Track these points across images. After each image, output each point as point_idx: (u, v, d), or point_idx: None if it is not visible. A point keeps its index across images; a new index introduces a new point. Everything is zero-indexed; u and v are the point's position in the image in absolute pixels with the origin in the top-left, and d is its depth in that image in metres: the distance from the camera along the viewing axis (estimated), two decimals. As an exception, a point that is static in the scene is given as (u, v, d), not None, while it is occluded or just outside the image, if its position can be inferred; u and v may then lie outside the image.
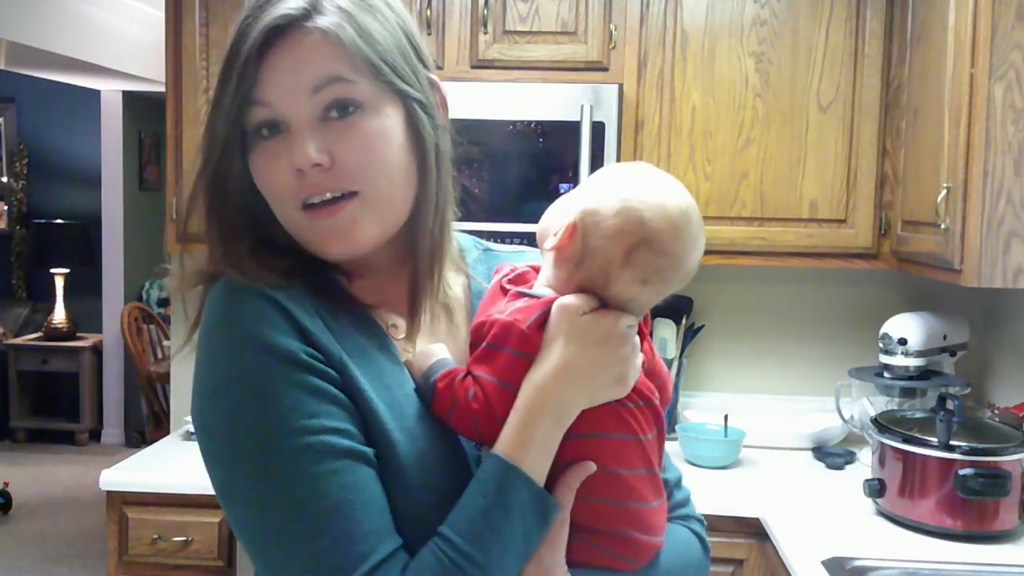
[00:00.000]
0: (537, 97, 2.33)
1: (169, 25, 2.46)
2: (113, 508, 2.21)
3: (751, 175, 2.40)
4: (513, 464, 0.84)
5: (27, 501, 5.11)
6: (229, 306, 0.86)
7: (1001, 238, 1.82)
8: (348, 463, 0.82)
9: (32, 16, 4.08)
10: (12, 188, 6.58)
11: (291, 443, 0.81)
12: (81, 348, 6.12)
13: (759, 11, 2.38)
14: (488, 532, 0.82)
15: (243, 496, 0.83)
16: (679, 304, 2.66)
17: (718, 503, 2.12)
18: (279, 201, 0.88)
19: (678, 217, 0.91)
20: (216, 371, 0.85)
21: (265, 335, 0.83)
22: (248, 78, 0.85)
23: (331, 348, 0.86)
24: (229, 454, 0.84)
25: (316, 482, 0.81)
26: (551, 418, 0.86)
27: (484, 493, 0.83)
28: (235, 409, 0.83)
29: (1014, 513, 1.89)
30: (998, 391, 2.39)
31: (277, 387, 0.82)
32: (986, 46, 1.80)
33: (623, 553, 0.91)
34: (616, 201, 0.90)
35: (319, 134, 0.85)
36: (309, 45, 0.85)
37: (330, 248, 0.88)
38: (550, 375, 0.87)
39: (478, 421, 0.87)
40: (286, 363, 0.83)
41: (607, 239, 0.89)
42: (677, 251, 0.92)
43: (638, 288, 0.90)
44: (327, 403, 0.83)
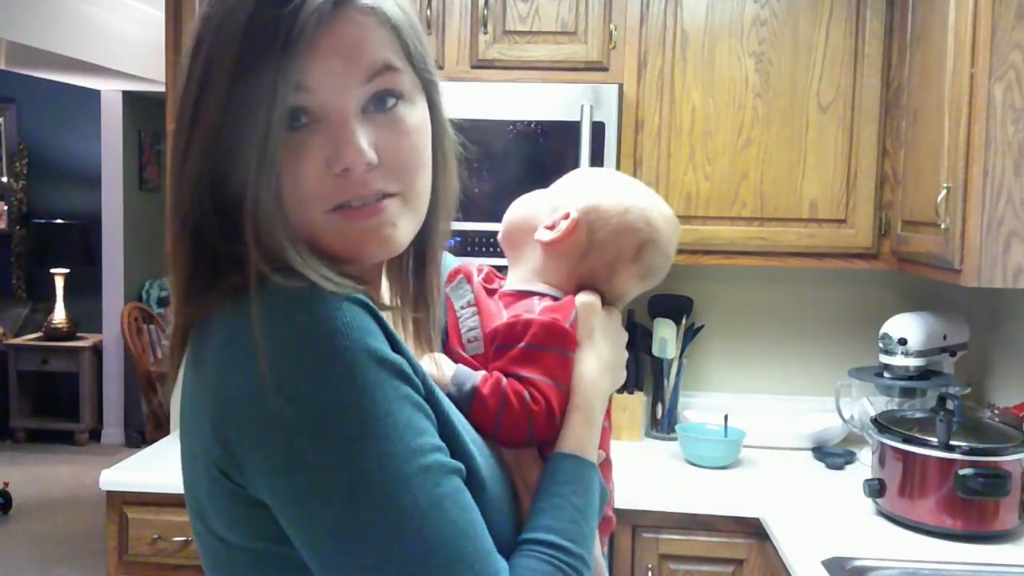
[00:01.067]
0: (537, 97, 2.33)
1: (169, 25, 2.46)
2: (113, 508, 2.21)
3: (751, 175, 2.40)
4: (591, 461, 0.87)
5: (27, 501, 5.11)
6: (319, 314, 0.72)
7: (1001, 238, 1.82)
8: (458, 482, 0.77)
9: (32, 16, 4.08)
10: (12, 188, 6.58)
11: (413, 466, 0.73)
12: (81, 348, 6.12)
13: (759, 11, 2.38)
14: (589, 532, 0.84)
15: (368, 533, 0.72)
16: (679, 304, 2.66)
17: (718, 503, 2.12)
18: (304, 202, 0.76)
19: (673, 220, 1.00)
20: (316, 396, 0.71)
21: (373, 346, 0.73)
22: (296, 57, 0.72)
23: (413, 358, 0.78)
24: (347, 490, 0.71)
25: (441, 506, 0.74)
26: (602, 410, 0.91)
27: (578, 494, 0.84)
28: (354, 436, 0.71)
29: (1014, 513, 1.89)
30: (998, 391, 2.39)
31: (391, 405, 0.73)
32: (986, 46, 1.80)
33: (603, 532, 0.96)
34: (621, 200, 0.97)
35: (365, 128, 0.76)
36: (367, 26, 0.75)
37: (366, 252, 0.79)
38: (598, 370, 0.91)
39: (536, 423, 0.86)
40: (393, 376, 0.74)
41: (618, 234, 0.95)
42: (671, 253, 1.00)
43: (636, 283, 0.98)
44: (427, 419, 0.76)
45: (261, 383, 0.71)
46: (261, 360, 0.71)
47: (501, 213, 1.09)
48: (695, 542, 2.11)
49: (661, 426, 2.65)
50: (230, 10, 0.74)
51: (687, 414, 2.63)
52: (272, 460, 0.73)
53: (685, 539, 2.11)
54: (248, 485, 0.75)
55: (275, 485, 0.73)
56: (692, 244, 2.41)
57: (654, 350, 2.64)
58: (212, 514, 0.80)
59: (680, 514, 2.11)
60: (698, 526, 2.11)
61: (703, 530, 2.10)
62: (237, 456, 0.75)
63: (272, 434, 0.72)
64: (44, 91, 6.10)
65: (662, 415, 2.65)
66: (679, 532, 2.11)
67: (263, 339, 0.72)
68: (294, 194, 0.76)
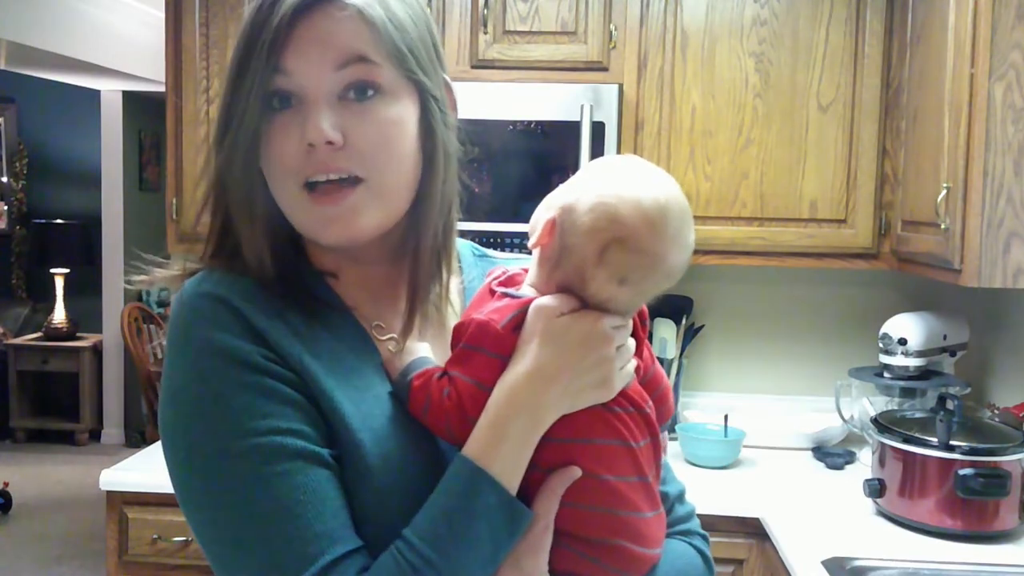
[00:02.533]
0: (537, 97, 2.33)
1: (169, 25, 2.46)
2: (113, 508, 2.21)
3: (751, 175, 2.40)
4: (480, 467, 0.81)
5: (27, 501, 5.11)
6: (184, 309, 0.85)
7: (1001, 238, 1.82)
8: (300, 464, 0.81)
9: (32, 16, 4.08)
10: (12, 188, 6.58)
11: (242, 444, 0.80)
12: (81, 348, 6.12)
13: (759, 11, 2.38)
14: (450, 536, 0.79)
15: (198, 499, 0.83)
16: (679, 304, 2.66)
17: (718, 503, 2.12)
18: (282, 177, 0.85)
19: (655, 213, 0.85)
20: (173, 375, 0.84)
21: (216, 338, 0.83)
22: (277, 45, 0.83)
23: (290, 349, 0.84)
24: (184, 457, 0.83)
25: (267, 483, 0.80)
26: (523, 421, 0.83)
27: (448, 495, 0.81)
28: (190, 412, 0.83)
29: (1014, 513, 1.89)
30: (998, 391, 2.39)
31: (228, 389, 0.82)
32: (986, 46, 1.80)
33: (613, 564, 0.87)
34: (592, 197, 0.86)
35: (335, 112, 0.84)
36: (341, 20, 0.83)
37: (328, 235, 0.86)
38: (522, 376, 0.84)
39: (451, 421, 0.85)
40: (238, 365, 0.82)
41: (581, 236, 0.85)
42: (655, 248, 0.85)
43: (615, 288, 0.86)
44: (280, 404, 0.82)
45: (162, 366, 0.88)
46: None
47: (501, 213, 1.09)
48: (695, 542, 2.10)
49: (661, 426, 2.65)
50: (245, 17, 0.86)
51: (687, 414, 2.64)
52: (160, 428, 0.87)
53: (685, 539, 2.10)
54: None
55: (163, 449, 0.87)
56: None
57: (654, 350, 2.63)
58: None
59: (680, 514, 2.11)
60: (698, 526, 2.11)
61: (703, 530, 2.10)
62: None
63: (160, 405, 0.87)
64: (44, 91, 6.11)
65: (662, 415, 2.64)
66: (679, 532, 2.11)
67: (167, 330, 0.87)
68: (273, 170, 0.86)
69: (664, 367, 2.61)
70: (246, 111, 0.84)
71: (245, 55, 0.84)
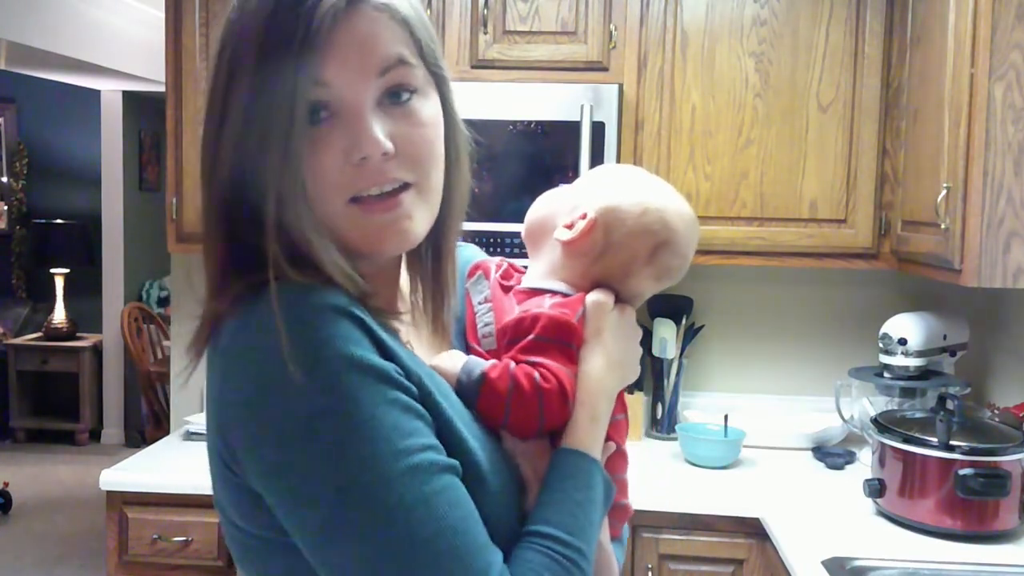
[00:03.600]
0: (537, 97, 2.33)
1: (169, 25, 2.46)
2: (113, 508, 2.21)
3: (751, 175, 2.40)
4: (594, 458, 0.88)
5: (27, 501, 5.11)
6: (306, 325, 0.76)
7: (1001, 238, 1.82)
8: (450, 479, 0.79)
9: (32, 16, 4.08)
10: (12, 188, 6.58)
11: (399, 466, 0.76)
12: (81, 348, 6.12)
13: (759, 11, 2.38)
14: (588, 525, 0.84)
15: (356, 533, 0.75)
16: (679, 304, 2.66)
17: (718, 503, 2.12)
18: (325, 193, 0.80)
19: (691, 221, 0.99)
20: (303, 403, 0.75)
21: (357, 355, 0.76)
22: (315, 53, 0.76)
23: (408, 361, 0.81)
24: (337, 493, 0.75)
25: (429, 503, 0.76)
26: (607, 405, 0.91)
27: (578, 489, 0.85)
28: (342, 440, 0.75)
29: (1014, 513, 1.89)
30: (998, 391, 2.39)
31: (376, 410, 0.76)
32: (986, 46, 1.80)
33: (619, 520, 0.98)
34: (639, 201, 0.96)
35: (380, 120, 0.80)
36: (378, 21, 0.79)
37: (384, 245, 0.83)
38: (604, 367, 0.91)
39: (547, 403, 0.87)
40: (379, 382, 0.77)
41: (633, 236, 0.95)
42: (688, 253, 0.99)
43: (651, 284, 0.98)
44: (417, 419, 0.79)
45: (256, 388, 0.76)
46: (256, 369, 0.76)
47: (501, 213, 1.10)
48: (695, 542, 2.11)
49: (661, 426, 2.65)
50: (252, 11, 0.79)
51: (687, 414, 2.64)
52: (263, 463, 0.77)
53: (685, 539, 2.11)
54: (249, 481, 0.80)
55: (268, 486, 0.78)
56: (692, 244, 2.40)
57: (654, 350, 2.64)
58: (227, 504, 0.85)
59: (680, 514, 2.11)
60: (698, 526, 2.11)
61: (703, 530, 2.10)
62: (237, 454, 0.80)
63: (263, 438, 0.76)
64: (44, 91, 6.10)
65: (662, 415, 2.65)
66: (679, 532, 2.11)
67: (259, 348, 0.76)
68: (315, 187, 0.80)
69: (664, 367, 2.63)
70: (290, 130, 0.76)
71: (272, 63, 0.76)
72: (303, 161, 0.78)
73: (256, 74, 0.77)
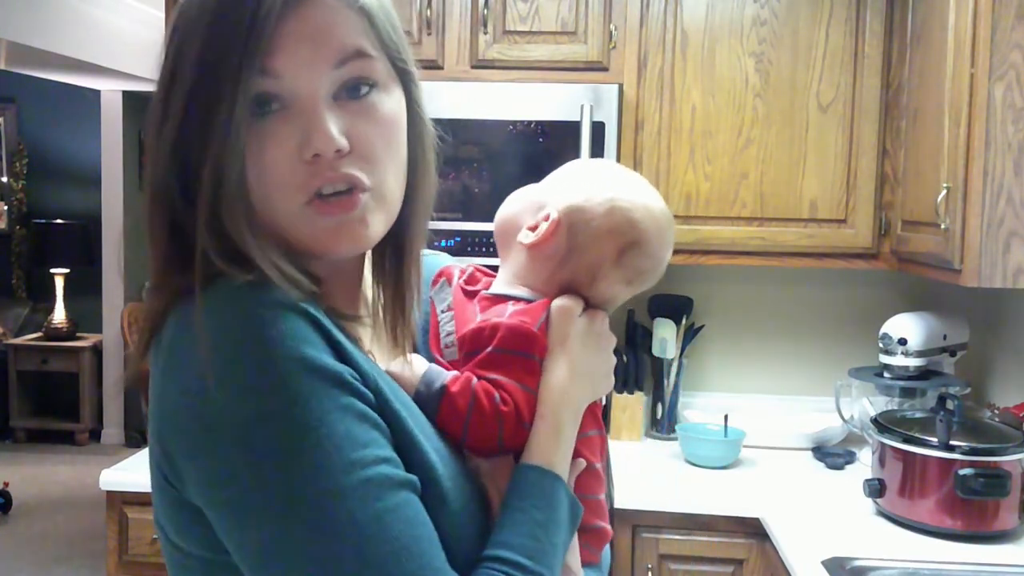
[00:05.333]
0: (537, 97, 2.33)
1: (169, 25, 2.46)
2: (113, 508, 2.21)
3: (751, 175, 2.40)
4: (556, 474, 0.82)
5: (27, 501, 5.11)
6: (254, 322, 0.70)
7: (1001, 238, 1.82)
8: (406, 495, 0.73)
9: (32, 16, 4.08)
10: (12, 188, 6.58)
11: (350, 479, 0.70)
12: (81, 348, 6.12)
13: (759, 11, 2.38)
14: (551, 548, 0.79)
15: (300, 551, 0.69)
16: (679, 304, 2.66)
17: (718, 503, 2.12)
18: (278, 190, 0.75)
19: (663, 220, 0.92)
20: (247, 405, 0.69)
21: (305, 355, 0.70)
22: (261, 42, 0.71)
23: (365, 366, 0.75)
24: (282, 503, 0.69)
25: (382, 521, 0.70)
26: (572, 420, 0.85)
27: (539, 508, 0.79)
28: (286, 448, 0.69)
29: (1014, 513, 1.89)
30: (998, 391, 2.39)
31: (328, 416, 0.70)
32: (986, 46, 1.80)
33: (594, 545, 0.91)
34: (606, 199, 0.90)
35: (335, 115, 0.75)
36: (335, 12, 0.74)
37: (336, 247, 0.77)
38: (568, 378, 0.85)
39: (506, 426, 0.82)
40: (332, 386, 0.71)
41: (598, 238, 0.89)
42: (660, 254, 0.92)
43: (621, 288, 0.92)
44: (373, 429, 0.73)
45: (196, 389, 0.70)
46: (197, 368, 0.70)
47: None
48: (695, 542, 2.11)
49: (661, 426, 2.65)
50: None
51: (687, 414, 2.64)
52: (205, 471, 0.71)
53: (685, 539, 2.11)
54: (188, 493, 0.74)
55: (209, 497, 0.72)
56: (692, 244, 2.41)
57: (654, 350, 2.64)
58: (164, 520, 0.79)
59: (680, 514, 2.11)
60: (698, 526, 2.11)
61: (703, 530, 2.10)
62: (176, 464, 0.74)
63: (205, 445, 0.70)
64: (44, 91, 6.10)
65: (662, 415, 2.65)
66: (679, 532, 2.11)
67: (200, 347, 0.70)
68: (264, 182, 0.75)
69: (664, 367, 2.63)
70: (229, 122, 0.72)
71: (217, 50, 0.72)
72: (241, 155, 0.73)
73: (200, 62, 0.73)
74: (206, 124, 0.73)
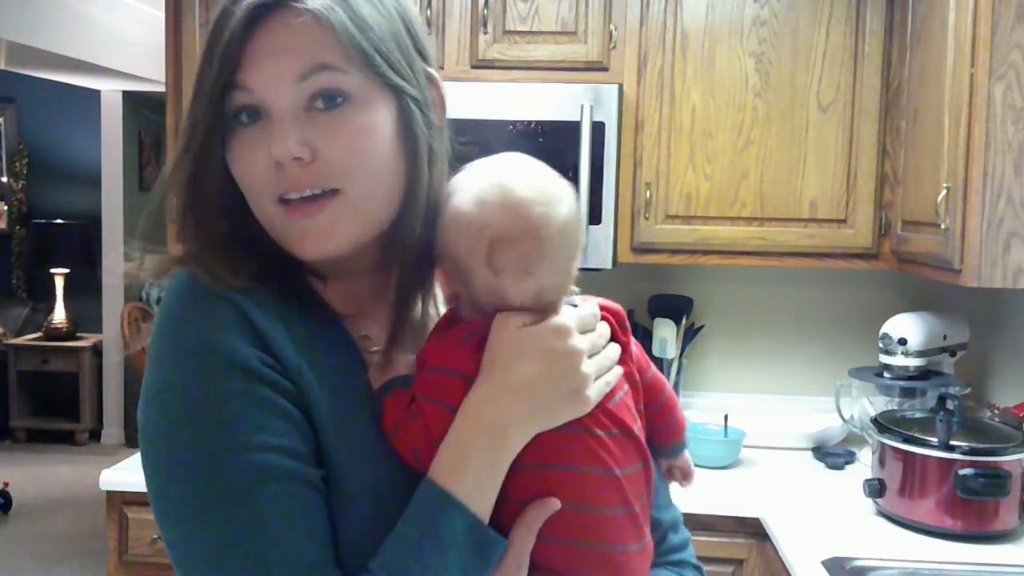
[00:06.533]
0: (537, 97, 2.33)
1: (169, 25, 2.46)
2: (113, 508, 2.21)
3: (751, 175, 2.40)
4: (446, 491, 0.77)
5: (27, 501, 5.11)
6: (182, 305, 0.80)
7: (1001, 238, 1.82)
8: (289, 486, 0.75)
9: (32, 16, 4.08)
10: (12, 188, 6.58)
11: (231, 459, 0.75)
12: (81, 348, 6.12)
13: (759, 11, 2.38)
14: (417, 566, 0.74)
15: (175, 511, 0.76)
16: (679, 304, 2.66)
17: (718, 503, 2.12)
18: (254, 193, 0.82)
19: (495, 197, 0.81)
20: (161, 373, 0.78)
21: (216, 339, 0.77)
22: (230, 60, 0.78)
23: (290, 357, 0.79)
24: (165, 464, 0.77)
25: (254, 504, 0.74)
26: (489, 440, 0.78)
27: (415, 522, 0.76)
28: (175, 416, 0.77)
29: (1014, 513, 1.89)
30: (998, 391, 2.39)
31: (222, 396, 0.76)
32: (986, 46, 1.80)
33: None
34: (444, 226, 0.83)
35: (302, 125, 0.79)
36: (297, 28, 0.78)
37: (305, 248, 0.81)
38: (487, 394, 0.79)
39: (418, 444, 0.80)
40: (235, 370, 0.76)
41: (465, 266, 0.82)
42: (525, 226, 0.80)
43: (529, 280, 0.81)
44: (275, 417, 0.77)
45: (149, 362, 0.80)
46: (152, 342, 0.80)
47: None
48: (695, 542, 2.09)
49: (661, 426, 2.64)
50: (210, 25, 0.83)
51: (687, 414, 2.63)
52: (140, 428, 0.81)
53: (685, 539, 2.10)
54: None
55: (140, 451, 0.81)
56: (692, 244, 2.41)
57: (654, 350, 2.64)
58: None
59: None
60: (698, 526, 2.10)
61: (703, 530, 2.10)
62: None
63: (141, 403, 0.80)
64: (44, 91, 6.10)
65: (662, 415, 2.64)
66: (679, 532, 2.11)
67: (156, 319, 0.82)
68: (248, 186, 0.82)
69: (664, 367, 2.63)
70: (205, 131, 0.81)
71: (203, 69, 0.81)
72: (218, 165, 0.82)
73: (196, 81, 0.82)
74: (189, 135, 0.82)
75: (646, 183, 2.40)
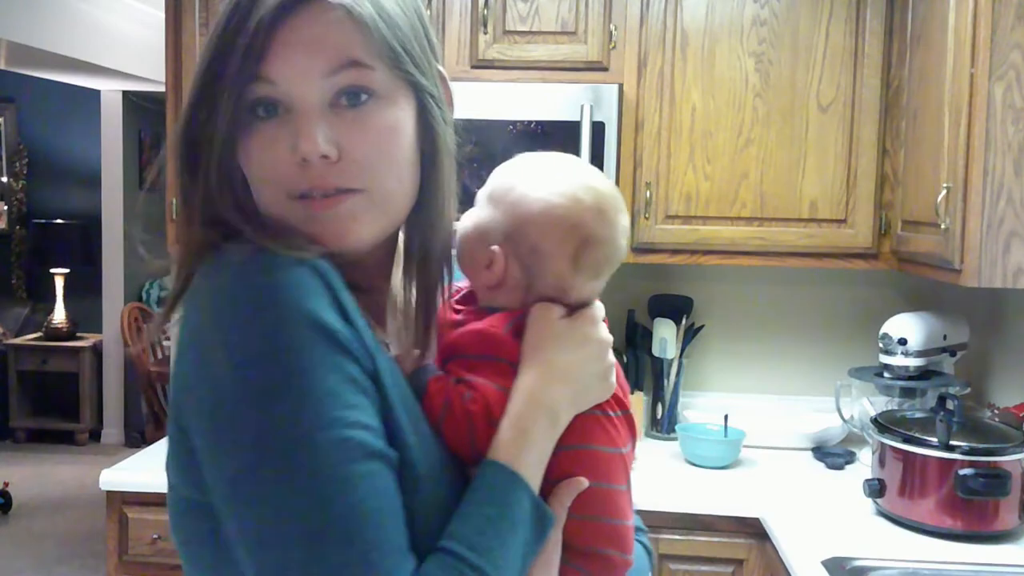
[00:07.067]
0: (537, 97, 2.33)
1: (169, 25, 2.46)
2: (113, 508, 2.21)
3: (751, 175, 2.40)
4: (516, 472, 0.80)
5: (27, 501, 5.11)
6: (262, 273, 0.74)
7: (1001, 238, 1.82)
8: (379, 466, 0.73)
9: (32, 16, 4.08)
10: (12, 188, 6.58)
11: (326, 435, 0.71)
12: (81, 348, 6.12)
13: (759, 11, 2.38)
14: (497, 544, 0.77)
15: (262, 489, 0.71)
16: (679, 304, 2.66)
17: (718, 503, 2.12)
18: (270, 188, 0.79)
19: (601, 203, 0.89)
20: (244, 344, 0.72)
21: (310, 308, 0.73)
22: (255, 51, 0.76)
23: (366, 336, 0.77)
24: (253, 438, 0.71)
25: (348, 484, 0.71)
26: (544, 422, 0.82)
27: (491, 503, 0.78)
28: (268, 387, 0.71)
29: (1014, 513, 1.89)
30: (998, 391, 2.39)
31: (317, 369, 0.72)
32: (986, 46, 1.80)
33: (597, 573, 0.87)
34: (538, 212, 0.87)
35: (328, 122, 0.78)
36: (329, 23, 0.76)
37: (324, 242, 0.79)
38: (538, 378, 0.83)
39: (475, 425, 0.82)
40: (328, 342, 0.73)
41: (547, 256, 0.87)
42: (611, 234, 0.89)
43: (594, 283, 0.90)
44: (361, 394, 0.74)
45: (203, 328, 0.75)
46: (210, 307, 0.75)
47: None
48: (695, 542, 2.11)
49: (661, 426, 2.65)
50: (224, 6, 0.79)
51: (687, 414, 2.63)
52: (199, 402, 0.75)
53: (685, 539, 2.11)
54: (187, 428, 0.77)
55: (198, 427, 0.76)
56: (692, 244, 2.41)
57: (654, 350, 2.64)
58: (170, 462, 0.83)
59: (680, 514, 2.11)
60: (698, 526, 2.11)
61: (703, 530, 2.10)
62: (179, 399, 0.79)
63: (202, 377, 0.74)
64: (44, 91, 6.10)
65: (662, 415, 2.65)
66: (679, 532, 2.11)
67: (214, 290, 0.75)
68: (263, 181, 0.79)
69: (664, 367, 2.63)
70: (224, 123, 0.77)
71: (219, 58, 0.77)
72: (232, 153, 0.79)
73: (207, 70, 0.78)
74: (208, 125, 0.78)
75: (646, 183, 2.40)
